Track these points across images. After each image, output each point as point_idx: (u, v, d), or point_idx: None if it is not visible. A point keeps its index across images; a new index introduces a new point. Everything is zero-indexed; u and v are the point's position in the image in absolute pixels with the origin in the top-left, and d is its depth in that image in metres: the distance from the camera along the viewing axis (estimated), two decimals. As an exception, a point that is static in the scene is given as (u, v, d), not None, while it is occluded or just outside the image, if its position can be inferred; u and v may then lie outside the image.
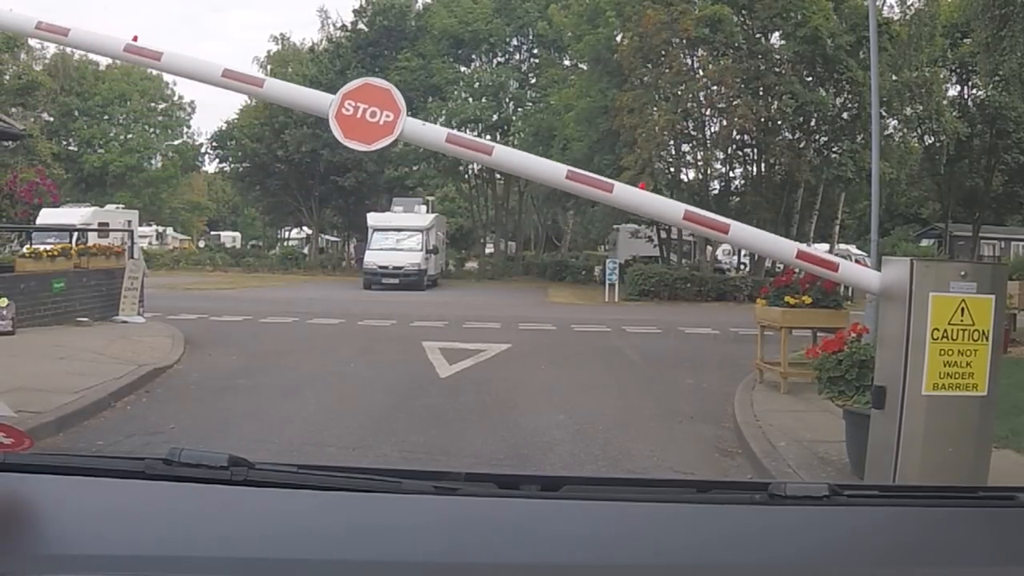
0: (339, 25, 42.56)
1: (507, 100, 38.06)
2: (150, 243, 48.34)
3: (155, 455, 1.39)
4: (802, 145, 27.58)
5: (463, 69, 38.66)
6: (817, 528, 1.37)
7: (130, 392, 8.09)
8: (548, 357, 11.99)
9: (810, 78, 26.73)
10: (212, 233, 61.92)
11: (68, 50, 48.90)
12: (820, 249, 32.10)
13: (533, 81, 38.13)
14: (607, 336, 15.28)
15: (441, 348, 12.04)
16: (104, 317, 13.52)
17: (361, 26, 40.38)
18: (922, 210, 41.05)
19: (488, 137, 39.26)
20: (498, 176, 41.70)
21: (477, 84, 38.06)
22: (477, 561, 1.19)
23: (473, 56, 38.37)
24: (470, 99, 37.82)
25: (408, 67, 37.35)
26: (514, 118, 37.97)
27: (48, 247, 13.04)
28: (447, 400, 8.47)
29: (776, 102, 25.90)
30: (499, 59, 38.85)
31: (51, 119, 46.76)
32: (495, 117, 37.42)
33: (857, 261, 34.26)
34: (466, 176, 41.26)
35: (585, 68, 31.01)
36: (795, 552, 1.30)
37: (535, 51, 38.68)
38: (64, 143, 46.94)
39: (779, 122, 26.45)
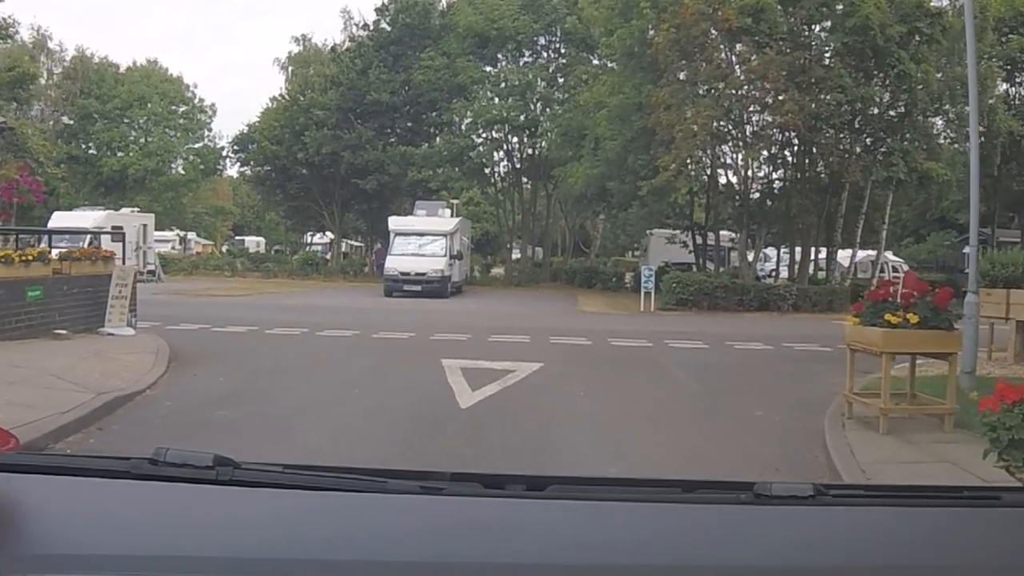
0: (361, 24, 41.45)
1: (535, 100, 36.59)
2: (172, 247, 47.50)
3: (141, 455, 1.34)
4: (849, 143, 25.86)
5: (489, 68, 37.25)
6: (803, 528, 1.34)
7: (78, 429, 6.57)
8: (586, 379, 10.38)
9: (859, 72, 24.95)
10: (237, 238, 61.20)
11: (88, 52, 48.43)
12: (862, 255, 30.19)
13: (561, 80, 36.56)
14: (649, 352, 13.64)
15: (463, 368, 10.48)
16: (88, 328, 12.15)
17: (384, 24, 39.20)
18: (958, 215, 39.03)
19: (515, 139, 37.85)
20: (525, 180, 40.22)
21: (503, 84, 36.70)
22: (463, 561, 1.16)
23: (499, 55, 36.94)
24: (496, 99, 36.56)
25: (432, 66, 36.21)
26: (542, 118, 36.47)
27: (23, 250, 11.64)
28: (467, 442, 6.83)
29: (824, 97, 24.10)
30: (526, 58, 37.37)
31: (71, 122, 45.93)
32: (522, 118, 35.98)
33: (895, 270, 32.09)
34: (492, 179, 39.82)
35: (615, 67, 29.42)
36: (781, 552, 1.27)
37: (563, 49, 37.16)
38: (84, 146, 46.04)
39: (825, 119, 24.65)
